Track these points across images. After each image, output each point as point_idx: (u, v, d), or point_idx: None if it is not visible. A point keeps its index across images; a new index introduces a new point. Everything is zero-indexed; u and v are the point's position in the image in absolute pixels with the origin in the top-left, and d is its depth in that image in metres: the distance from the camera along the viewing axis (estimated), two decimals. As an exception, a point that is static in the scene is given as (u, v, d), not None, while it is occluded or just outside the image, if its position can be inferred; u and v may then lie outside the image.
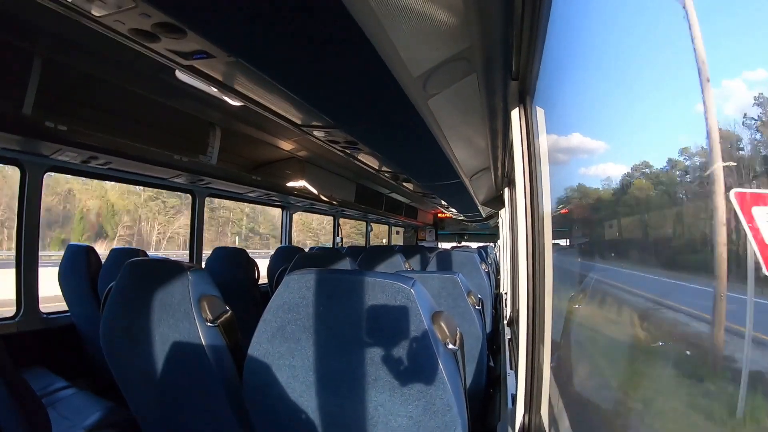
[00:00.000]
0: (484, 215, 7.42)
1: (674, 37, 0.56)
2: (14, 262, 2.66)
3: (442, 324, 0.99)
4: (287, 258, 3.67)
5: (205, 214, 4.02)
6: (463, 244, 11.20)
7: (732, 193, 0.47)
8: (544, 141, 1.23)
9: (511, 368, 2.00)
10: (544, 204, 1.25)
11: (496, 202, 4.53)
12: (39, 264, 2.72)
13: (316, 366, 1.05)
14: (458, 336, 1.02)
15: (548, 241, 1.26)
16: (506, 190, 3.16)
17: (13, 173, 2.60)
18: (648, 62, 0.65)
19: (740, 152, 0.49)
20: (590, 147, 0.90)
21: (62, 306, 2.92)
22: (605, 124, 0.84)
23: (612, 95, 0.80)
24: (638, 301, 0.86)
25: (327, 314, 1.04)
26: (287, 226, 5.52)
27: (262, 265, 3.97)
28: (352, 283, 1.03)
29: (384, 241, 11.11)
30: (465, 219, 9.86)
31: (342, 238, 7.51)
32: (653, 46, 0.63)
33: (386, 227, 10.77)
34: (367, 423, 1.02)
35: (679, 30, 0.52)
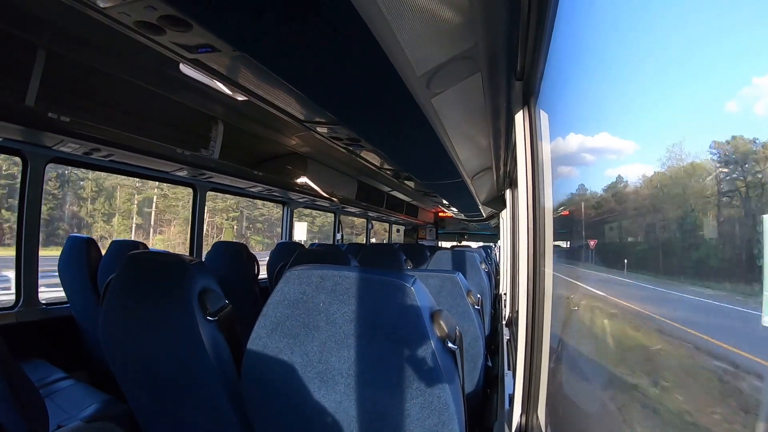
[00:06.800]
0: (484, 215, 7.42)
1: (682, 37, 0.56)
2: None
3: (442, 323, 0.99)
4: (287, 253, 3.67)
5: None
6: (464, 243, 11.20)
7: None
8: (547, 142, 1.22)
9: (509, 369, 2.00)
10: (545, 205, 1.25)
11: (498, 202, 4.53)
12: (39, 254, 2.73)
13: (314, 362, 1.05)
14: (457, 335, 1.01)
15: (549, 242, 1.26)
16: (508, 190, 3.16)
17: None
18: (653, 64, 0.65)
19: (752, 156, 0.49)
20: (595, 149, 0.90)
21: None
22: (611, 126, 0.84)
23: (618, 97, 0.80)
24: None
25: (327, 310, 1.04)
26: (287, 222, 5.53)
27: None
28: (353, 279, 1.03)
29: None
30: (466, 219, 9.86)
31: (342, 235, 7.51)
32: (658, 48, 0.63)
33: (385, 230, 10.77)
34: (364, 420, 1.02)
35: (687, 31, 0.52)
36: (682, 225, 0.70)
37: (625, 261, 0.93)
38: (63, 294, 2.90)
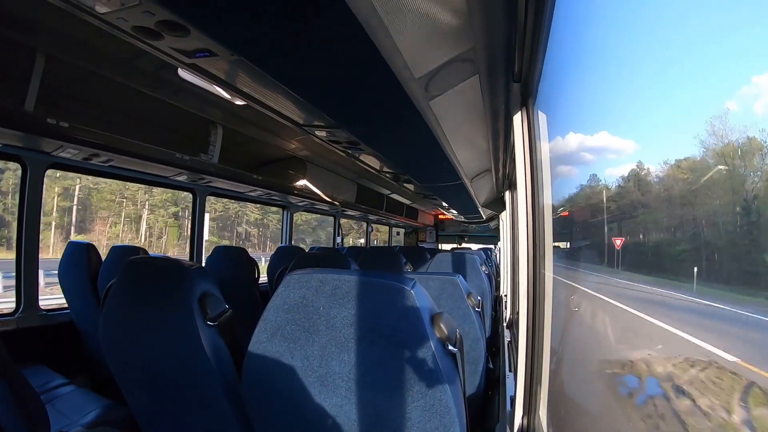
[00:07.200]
0: (484, 217, 7.42)
1: (678, 38, 0.56)
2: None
3: (442, 325, 0.99)
4: (287, 257, 3.67)
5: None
6: (464, 245, 11.20)
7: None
8: (545, 144, 1.22)
9: (510, 370, 1.99)
10: (545, 207, 1.25)
11: (497, 204, 4.53)
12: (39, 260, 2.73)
13: (315, 366, 1.04)
14: (458, 337, 1.01)
15: (549, 244, 1.26)
16: (507, 192, 3.16)
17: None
18: (650, 64, 0.65)
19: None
20: (593, 150, 0.90)
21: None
22: (609, 126, 0.84)
23: (615, 98, 0.80)
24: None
25: (327, 314, 1.04)
26: (287, 226, 5.53)
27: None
28: (353, 283, 1.03)
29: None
30: (465, 221, 9.86)
31: (342, 238, 7.52)
32: (655, 49, 0.63)
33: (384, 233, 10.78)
34: (365, 424, 1.01)
35: (684, 32, 0.52)
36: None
37: (695, 269, 0.58)
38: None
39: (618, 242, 0.86)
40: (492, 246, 10.04)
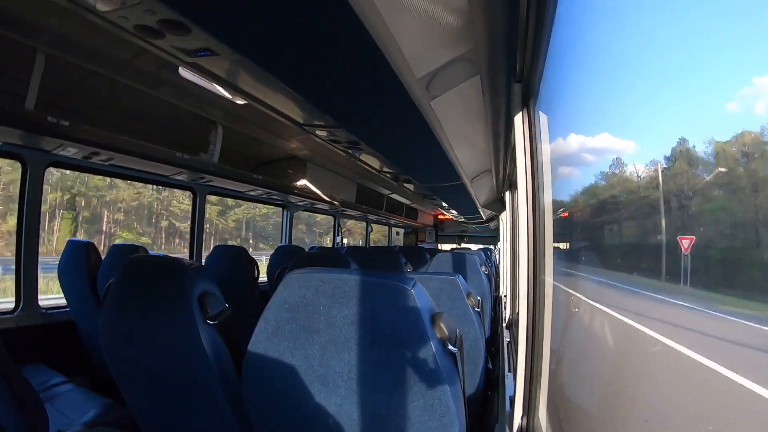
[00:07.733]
0: (484, 217, 7.42)
1: (681, 38, 0.56)
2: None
3: (442, 325, 0.99)
4: (287, 257, 3.67)
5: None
6: (463, 246, 11.20)
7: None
8: (546, 144, 1.22)
9: (509, 371, 1.99)
10: (545, 207, 1.25)
11: (497, 204, 4.53)
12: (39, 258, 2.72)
13: (315, 365, 1.04)
14: (458, 337, 1.01)
15: (549, 244, 1.26)
16: (507, 192, 3.16)
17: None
18: (653, 65, 0.65)
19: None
20: (594, 151, 0.90)
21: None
22: (610, 127, 0.84)
23: (617, 99, 0.80)
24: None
25: (327, 314, 1.04)
26: (287, 226, 5.53)
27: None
28: (353, 282, 1.03)
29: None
30: (465, 221, 9.86)
31: (342, 238, 7.52)
32: (658, 49, 0.63)
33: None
34: (365, 423, 1.01)
35: (687, 32, 0.52)
36: None
37: None
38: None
39: (686, 243, 0.56)
40: (491, 246, 10.04)
